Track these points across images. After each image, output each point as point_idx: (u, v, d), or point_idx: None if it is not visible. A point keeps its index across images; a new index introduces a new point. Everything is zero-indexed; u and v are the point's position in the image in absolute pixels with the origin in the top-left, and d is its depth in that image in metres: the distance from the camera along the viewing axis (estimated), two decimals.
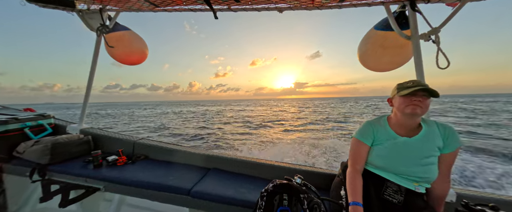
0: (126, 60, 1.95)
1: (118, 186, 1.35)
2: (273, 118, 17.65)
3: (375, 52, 1.35)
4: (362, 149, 0.99)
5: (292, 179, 1.01)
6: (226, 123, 15.21)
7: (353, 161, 1.01)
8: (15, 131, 1.58)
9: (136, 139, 1.82)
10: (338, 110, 25.50)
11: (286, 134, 10.34)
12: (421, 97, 0.86)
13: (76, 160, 1.56)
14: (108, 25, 1.70)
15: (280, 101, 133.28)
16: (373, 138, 0.98)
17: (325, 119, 16.14)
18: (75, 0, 1.48)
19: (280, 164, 1.48)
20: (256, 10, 1.40)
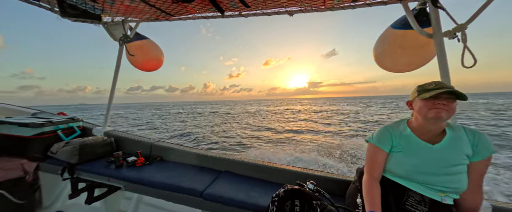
0: (144, 67, 2.08)
1: (137, 186, 1.43)
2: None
3: (393, 52, 1.28)
4: (379, 155, 0.93)
5: (304, 185, 0.98)
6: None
7: (369, 168, 0.95)
8: (50, 133, 1.75)
9: (153, 141, 1.91)
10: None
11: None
12: (445, 100, 0.79)
13: (100, 160, 1.69)
14: (129, 35, 1.83)
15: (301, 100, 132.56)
16: (392, 144, 0.93)
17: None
18: (101, 14, 1.62)
19: (291, 168, 1.45)
20: (266, 15, 1.41)
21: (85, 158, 1.63)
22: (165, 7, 1.42)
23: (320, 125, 14.12)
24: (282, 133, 11.18)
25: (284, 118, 20.06)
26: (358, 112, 23.72)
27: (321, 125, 14.11)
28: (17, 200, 1.50)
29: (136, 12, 1.55)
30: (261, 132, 11.84)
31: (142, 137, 2.01)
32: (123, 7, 1.46)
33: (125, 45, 1.85)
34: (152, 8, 1.44)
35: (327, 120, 17.16)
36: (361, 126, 13.43)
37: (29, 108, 2.32)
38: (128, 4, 1.40)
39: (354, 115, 20.77)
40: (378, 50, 1.37)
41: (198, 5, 1.36)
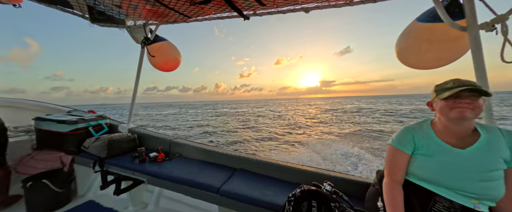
0: (163, 68, 2.19)
1: (158, 180, 1.52)
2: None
3: (419, 48, 1.19)
4: (400, 158, 0.89)
5: (320, 186, 0.97)
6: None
7: (390, 171, 0.91)
8: (82, 129, 1.93)
9: (172, 138, 2.01)
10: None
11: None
12: (468, 99, 0.73)
13: (126, 155, 1.82)
14: (150, 38, 1.93)
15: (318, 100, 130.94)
16: (414, 146, 0.87)
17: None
18: (125, 19, 1.73)
19: (307, 168, 1.44)
20: (281, 13, 1.40)
21: (112, 153, 1.77)
22: (183, 10, 1.47)
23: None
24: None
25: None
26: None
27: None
28: (57, 188, 1.68)
29: (156, 15, 1.63)
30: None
31: (161, 134, 2.13)
32: (145, 11, 1.55)
33: (146, 47, 1.96)
34: (171, 11, 1.50)
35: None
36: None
37: (64, 107, 2.57)
38: (149, 8, 1.48)
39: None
40: (401, 46, 1.28)
41: (214, 6, 1.39)
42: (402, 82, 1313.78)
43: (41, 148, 1.94)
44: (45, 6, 1.51)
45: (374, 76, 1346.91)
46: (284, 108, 44.64)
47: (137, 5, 1.41)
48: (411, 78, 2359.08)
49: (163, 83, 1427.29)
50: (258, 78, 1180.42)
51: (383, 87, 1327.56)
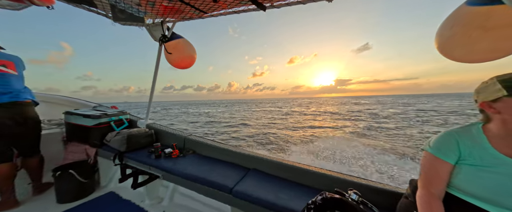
0: (179, 65, 2.21)
1: (172, 176, 1.52)
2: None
3: (469, 37, 1.00)
4: (440, 168, 0.74)
5: (345, 194, 0.86)
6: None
7: (426, 182, 0.77)
8: (105, 124, 2.03)
9: (186, 135, 2.02)
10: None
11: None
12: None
13: (143, 150, 1.87)
14: (167, 35, 1.96)
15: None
16: (459, 155, 0.72)
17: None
18: (144, 16, 1.77)
19: (326, 172, 1.32)
20: (301, 3, 1.29)
21: (131, 147, 1.83)
22: (199, 5, 1.45)
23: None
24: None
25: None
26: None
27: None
28: (82, 179, 1.78)
29: (173, 12, 1.63)
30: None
31: (176, 130, 2.15)
32: (162, 8, 1.55)
33: (164, 45, 1.99)
34: (187, 7, 1.49)
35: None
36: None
37: (91, 102, 2.76)
38: (166, 5, 1.48)
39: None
40: (445, 35, 1.09)
41: None
42: (428, 80, 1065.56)
43: (70, 140, 2.09)
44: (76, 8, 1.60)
45: (395, 74, 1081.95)
46: (315, 107, 43.72)
47: (154, 1, 1.41)
48: (438, 76, 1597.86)
49: (179, 82, 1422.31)
50: (271, 77, 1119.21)
51: (405, 86, 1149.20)
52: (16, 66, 1.71)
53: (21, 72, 1.76)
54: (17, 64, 1.73)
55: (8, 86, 1.60)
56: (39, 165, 1.84)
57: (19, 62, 1.75)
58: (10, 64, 1.67)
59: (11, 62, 1.68)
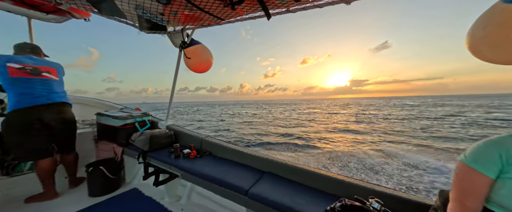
0: (197, 69, 2.32)
1: (190, 176, 1.59)
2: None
3: (505, 37, 0.92)
4: (477, 181, 0.68)
5: (365, 202, 0.83)
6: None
7: (460, 196, 0.71)
8: (131, 125, 2.19)
9: (203, 137, 2.10)
10: None
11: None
12: None
13: (164, 150, 1.98)
14: (186, 41, 2.07)
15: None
16: (501, 168, 0.66)
17: None
18: (166, 25, 1.89)
19: (346, 179, 1.28)
20: (317, 7, 1.29)
21: (153, 147, 1.95)
22: (217, 12, 1.52)
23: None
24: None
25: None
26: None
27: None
28: (110, 175, 1.94)
29: (193, 20, 1.73)
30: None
31: (194, 132, 2.25)
32: (183, 17, 1.65)
33: (183, 51, 2.11)
34: (206, 15, 1.57)
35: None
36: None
37: (117, 104, 3.00)
38: (187, 14, 1.57)
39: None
40: (478, 35, 1.01)
41: (247, 6, 1.38)
42: (454, 80, 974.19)
43: (100, 139, 2.29)
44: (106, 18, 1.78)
45: (417, 74, 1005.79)
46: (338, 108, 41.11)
47: (177, 11, 1.51)
48: (467, 75, 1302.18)
49: (192, 83, 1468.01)
50: (283, 78, 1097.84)
51: (429, 86, 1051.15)
52: (58, 72, 1.94)
53: (61, 77, 1.98)
54: (58, 70, 1.96)
55: (51, 90, 1.81)
56: (75, 161, 2.04)
57: (60, 68, 1.98)
58: (53, 70, 1.90)
59: (54, 69, 1.90)
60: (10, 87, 1.63)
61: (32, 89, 1.69)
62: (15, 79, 1.63)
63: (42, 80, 1.77)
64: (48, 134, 1.75)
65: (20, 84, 1.65)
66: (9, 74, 1.61)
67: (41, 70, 1.79)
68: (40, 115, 1.68)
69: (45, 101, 1.73)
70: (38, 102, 1.68)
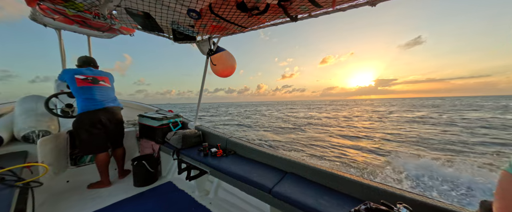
0: (222, 74, 2.48)
1: (218, 173, 1.74)
2: None
3: None
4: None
5: (393, 207, 0.83)
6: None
7: (505, 206, 0.66)
8: (166, 125, 2.47)
9: (228, 137, 2.25)
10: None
11: None
12: None
13: (194, 148, 2.19)
14: (213, 49, 2.25)
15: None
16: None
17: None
18: (196, 35, 2.10)
19: (372, 183, 1.26)
20: (340, 11, 1.29)
21: (185, 145, 2.18)
22: (242, 22, 1.63)
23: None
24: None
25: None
26: None
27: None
28: (150, 169, 2.23)
29: (219, 29, 1.88)
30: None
31: (219, 132, 2.42)
32: (211, 28, 1.82)
33: (210, 58, 2.30)
34: (231, 25, 1.70)
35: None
36: None
37: (153, 106, 3.38)
38: (215, 25, 1.73)
39: None
40: None
41: (269, 15, 1.46)
42: (508, 77, 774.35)
43: (141, 137, 2.64)
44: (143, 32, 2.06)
45: (457, 71, 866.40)
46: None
47: (206, 23, 1.68)
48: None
49: (211, 85, 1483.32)
50: (301, 78, 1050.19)
51: (472, 86, 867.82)
52: (110, 80, 2.31)
53: (113, 84, 2.36)
54: (110, 78, 2.33)
55: (106, 96, 2.18)
56: (123, 155, 2.40)
57: (111, 77, 2.35)
58: (107, 79, 2.27)
59: (107, 77, 2.28)
60: (77, 94, 2.02)
61: (93, 95, 2.06)
62: (81, 88, 2.02)
63: (100, 87, 2.14)
64: (104, 132, 2.11)
65: (84, 91, 2.03)
66: (77, 84, 2.00)
67: (99, 79, 2.16)
68: (99, 117, 2.04)
69: (103, 105, 2.09)
70: (97, 106, 2.05)
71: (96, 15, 1.51)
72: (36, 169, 1.80)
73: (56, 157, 2.00)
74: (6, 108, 2.41)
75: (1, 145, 1.85)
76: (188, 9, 1.45)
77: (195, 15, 1.51)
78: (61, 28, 2.40)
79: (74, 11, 1.48)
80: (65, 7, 1.41)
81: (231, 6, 1.34)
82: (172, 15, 1.59)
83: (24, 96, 2.20)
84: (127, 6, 1.47)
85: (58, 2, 1.35)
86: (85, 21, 1.81)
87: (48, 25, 2.26)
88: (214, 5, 1.37)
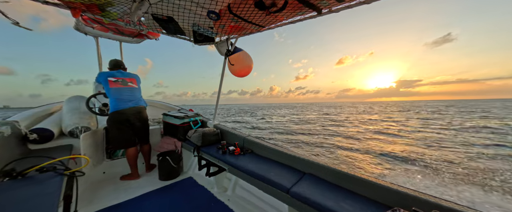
0: (239, 74, 2.52)
1: (236, 171, 1.77)
2: None
3: None
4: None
5: None
6: None
7: None
8: (187, 123, 2.60)
9: (245, 136, 2.28)
10: None
11: None
12: None
13: (213, 146, 2.26)
14: (231, 49, 2.30)
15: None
16: None
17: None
18: (215, 36, 2.17)
19: (402, 189, 1.15)
20: (365, 3, 1.21)
21: (205, 143, 2.27)
22: (259, 21, 1.64)
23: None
24: None
25: None
26: None
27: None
28: (173, 164, 2.37)
29: (237, 30, 1.92)
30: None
31: (237, 131, 2.46)
32: (229, 28, 1.86)
33: (228, 58, 2.35)
34: (249, 24, 1.71)
35: None
36: None
37: (176, 106, 3.59)
38: (233, 25, 1.76)
39: None
40: None
41: (287, 12, 1.44)
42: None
43: (165, 134, 2.81)
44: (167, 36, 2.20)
45: (494, 71, 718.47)
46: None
47: (225, 24, 1.73)
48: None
49: (225, 87, 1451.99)
50: (315, 80, 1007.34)
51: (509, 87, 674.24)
52: (137, 82, 2.52)
53: (139, 85, 2.56)
54: (137, 80, 2.54)
55: (134, 96, 2.38)
56: (149, 151, 2.59)
57: (138, 78, 2.56)
58: (134, 80, 2.47)
59: (134, 79, 2.48)
60: (110, 95, 2.25)
61: (123, 95, 2.27)
62: (113, 89, 2.23)
63: (129, 88, 2.34)
64: (132, 129, 2.30)
65: (116, 92, 2.24)
66: (109, 85, 2.22)
67: (127, 81, 2.37)
68: (128, 115, 2.24)
69: (131, 104, 2.29)
70: (127, 105, 2.25)
71: (127, 22, 1.66)
72: (79, 160, 2.05)
73: (94, 150, 2.25)
74: (56, 106, 2.78)
75: (53, 139, 2.14)
76: (208, 10, 1.50)
77: (214, 16, 1.56)
78: (99, 36, 2.69)
79: (109, 19, 1.65)
80: (103, 16, 1.58)
81: (250, 4, 1.35)
82: (193, 18, 1.67)
83: (70, 97, 2.52)
84: (154, 12, 1.59)
85: (96, 12, 1.52)
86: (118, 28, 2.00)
87: (88, 34, 2.56)
88: (233, 5, 1.40)
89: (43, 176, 1.29)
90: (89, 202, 1.89)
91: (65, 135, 2.30)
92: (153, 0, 1.44)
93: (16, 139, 1.83)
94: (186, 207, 1.85)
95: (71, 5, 1.33)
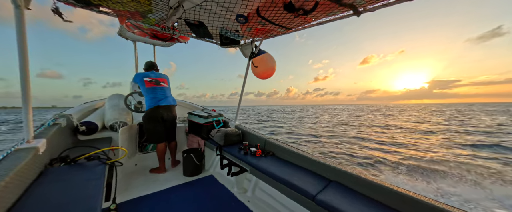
0: (262, 76, 2.53)
1: (257, 172, 1.77)
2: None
3: None
4: None
5: None
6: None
7: None
8: (210, 123, 2.71)
9: (267, 138, 2.27)
10: None
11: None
12: None
13: (235, 146, 2.31)
14: (255, 52, 2.33)
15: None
16: None
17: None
18: (240, 39, 2.22)
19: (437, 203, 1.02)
20: (407, 0, 1.12)
21: (227, 143, 2.32)
22: (287, 23, 1.63)
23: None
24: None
25: None
26: None
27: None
28: (196, 161, 2.48)
29: (263, 32, 1.94)
30: None
31: (258, 132, 2.47)
32: (255, 31, 1.89)
33: (252, 60, 2.38)
34: (275, 27, 1.72)
35: None
36: None
37: (200, 106, 3.76)
38: (259, 28, 1.79)
39: None
40: None
41: (317, 13, 1.40)
42: None
43: (190, 133, 2.96)
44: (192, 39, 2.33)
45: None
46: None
47: (252, 27, 1.76)
48: None
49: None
50: (336, 81, 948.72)
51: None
52: (167, 81, 2.71)
53: (169, 85, 2.75)
54: (168, 80, 2.73)
55: (165, 95, 2.56)
56: (175, 147, 2.76)
57: (168, 79, 2.75)
58: (165, 80, 2.66)
59: (165, 79, 2.67)
60: (145, 93, 2.46)
61: (156, 94, 2.46)
62: (148, 88, 2.44)
63: (161, 88, 2.53)
64: (164, 126, 2.48)
65: (150, 91, 2.45)
66: (145, 85, 2.43)
67: (160, 81, 2.57)
68: (161, 113, 2.42)
69: (163, 103, 2.47)
70: (159, 104, 2.43)
71: (163, 27, 1.81)
72: (117, 151, 2.28)
73: (129, 143, 2.48)
74: (100, 103, 3.15)
75: (97, 131, 2.42)
76: (237, 14, 1.55)
77: (242, 19, 1.60)
78: (137, 40, 2.98)
79: (148, 25, 1.82)
80: (143, 22, 1.75)
81: (279, 7, 1.36)
82: (222, 22, 1.74)
83: (112, 94, 2.83)
84: (187, 17, 1.69)
85: (138, 19, 1.69)
86: (154, 33, 2.19)
87: (128, 38, 2.86)
88: (262, 9, 1.42)
89: (90, 163, 1.47)
90: (124, 190, 2.08)
91: (105, 128, 2.58)
92: (187, 7, 1.55)
93: (69, 130, 2.11)
94: (208, 204, 1.91)
95: (119, 13, 1.51)
